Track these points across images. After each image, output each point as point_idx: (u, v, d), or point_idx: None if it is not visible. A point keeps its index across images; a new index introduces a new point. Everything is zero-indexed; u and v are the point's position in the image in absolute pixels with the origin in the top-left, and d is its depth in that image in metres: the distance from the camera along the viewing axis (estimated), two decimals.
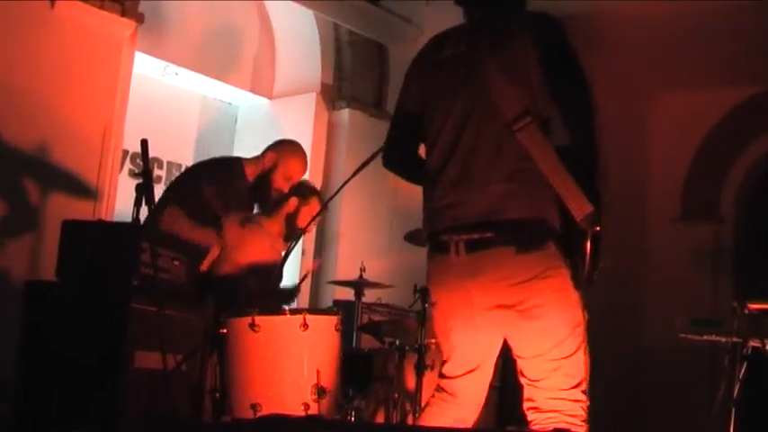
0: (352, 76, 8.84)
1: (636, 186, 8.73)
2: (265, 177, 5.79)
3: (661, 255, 8.55)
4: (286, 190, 5.85)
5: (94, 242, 4.47)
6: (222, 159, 5.83)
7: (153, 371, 4.16)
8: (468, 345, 3.60)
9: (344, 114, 8.67)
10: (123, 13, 6.59)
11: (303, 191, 6.10)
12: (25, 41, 6.03)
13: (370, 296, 6.50)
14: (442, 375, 3.71)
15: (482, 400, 3.70)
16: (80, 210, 5.88)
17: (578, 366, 3.46)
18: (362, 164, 3.89)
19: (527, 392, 3.48)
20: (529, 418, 3.47)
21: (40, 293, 4.46)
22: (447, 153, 3.56)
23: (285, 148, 5.97)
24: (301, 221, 6.04)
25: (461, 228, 3.46)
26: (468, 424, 3.65)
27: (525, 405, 3.49)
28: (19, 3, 5.97)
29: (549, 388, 3.42)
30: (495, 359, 3.68)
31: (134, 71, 6.88)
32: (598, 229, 3.38)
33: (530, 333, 3.44)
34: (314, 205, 6.09)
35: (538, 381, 3.44)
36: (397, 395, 5.29)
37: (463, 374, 3.63)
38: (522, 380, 3.50)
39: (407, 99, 3.79)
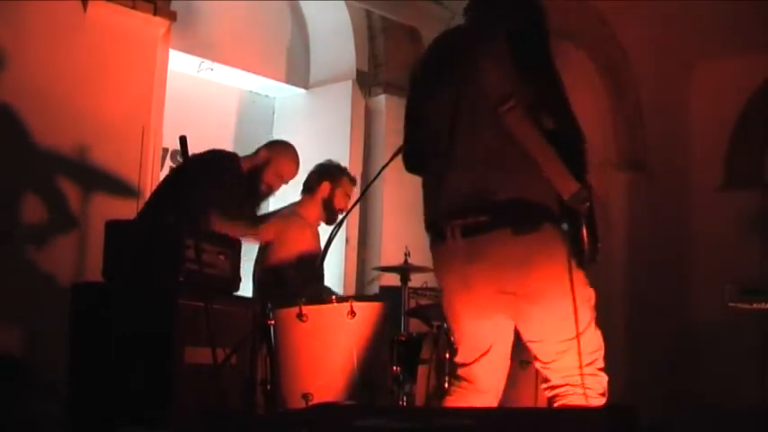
0: (386, 61, 8.82)
1: (678, 157, 8.68)
2: (257, 172, 5.85)
3: (707, 224, 8.50)
4: (276, 187, 5.95)
5: (139, 241, 4.50)
6: (219, 159, 5.76)
7: (203, 366, 4.18)
8: (475, 329, 3.63)
9: (381, 100, 8.65)
10: (156, 12, 6.60)
11: (333, 173, 6.17)
12: (60, 45, 6.06)
13: (416, 281, 6.49)
14: (456, 364, 3.75)
15: (501, 386, 3.72)
16: (123, 209, 5.91)
17: (589, 344, 3.47)
18: (399, 149, 3.90)
19: (542, 373, 3.53)
20: (547, 395, 3.51)
21: (87, 294, 4.49)
22: (439, 142, 3.62)
23: (278, 147, 6.07)
24: (338, 203, 6.10)
25: (456, 213, 3.50)
26: None
27: (543, 386, 3.55)
28: (52, 7, 6.00)
29: (562, 368, 3.45)
30: (510, 342, 3.70)
31: (170, 69, 6.90)
32: (588, 205, 3.40)
33: (533, 317, 3.47)
34: (345, 185, 6.16)
35: (549, 363, 3.48)
36: (447, 378, 5.28)
37: (477, 359, 3.66)
38: (537, 363, 3.55)
39: (414, 107, 3.91)
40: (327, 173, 6.20)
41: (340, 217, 6.16)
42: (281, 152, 6.00)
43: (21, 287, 5.53)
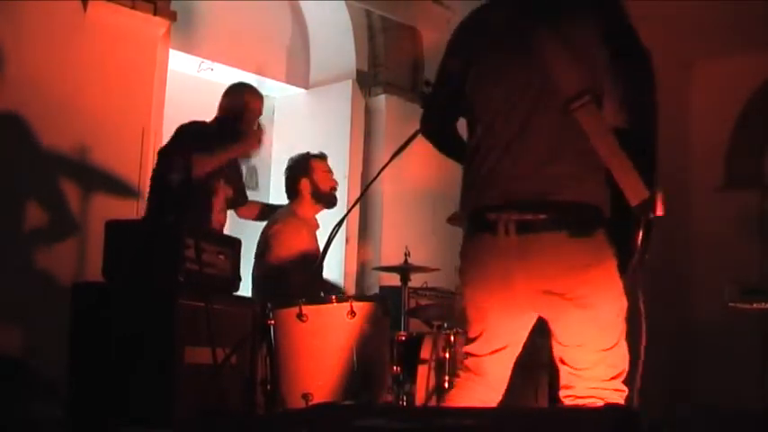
0: (386, 61, 8.83)
1: (678, 157, 8.66)
2: (233, 114, 5.92)
3: (707, 225, 8.49)
4: (254, 124, 5.95)
5: (139, 241, 4.50)
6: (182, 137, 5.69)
7: (203, 366, 4.18)
8: (500, 325, 3.50)
9: (381, 100, 8.66)
10: (156, 12, 6.61)
11: (301, 166, 6.17)
12: (60, 45, 6.07)
13: (416, 281, 6.48)
14: (467, 354, 3.61)
15: (507, 380, 3.61)
16: (123, 209, 5.92)
17: (620, 357, 3.37)
18: (399, 148, 3.83)
19: (565, 379, 3.40)
20: (566, 403, 3.39)
21: (87, 294, 4.49)
22: (497, 127, 3.40)
23: (246, 89, 6.16)
24: (324, 186, 6.11)
25: (512, 206, 3.32)
26: (494, 405, 3.59)
27: (562, 392, 3.41)
28: (52, 7, 6.01)
29: (591, 378, 3.34)
30: (525, 339, 3.59)
31: (170, 69, 6.90)
32: (652, 216, 3.27)
33: (575, 322, 3.34)
34: (318, 166, 6.17)
35: (580, 370, 3.36)
36: (447, 378, 5.28)
37: (491, 353, 3.53)
38: (562, 367, 3.42)
39: (452, 64, 3.62)
40: (297, 169, 6.19)
41: (338, 208, 6.21)
42: (251, 92, 6.11)
43: (21, 287, 5.53)
